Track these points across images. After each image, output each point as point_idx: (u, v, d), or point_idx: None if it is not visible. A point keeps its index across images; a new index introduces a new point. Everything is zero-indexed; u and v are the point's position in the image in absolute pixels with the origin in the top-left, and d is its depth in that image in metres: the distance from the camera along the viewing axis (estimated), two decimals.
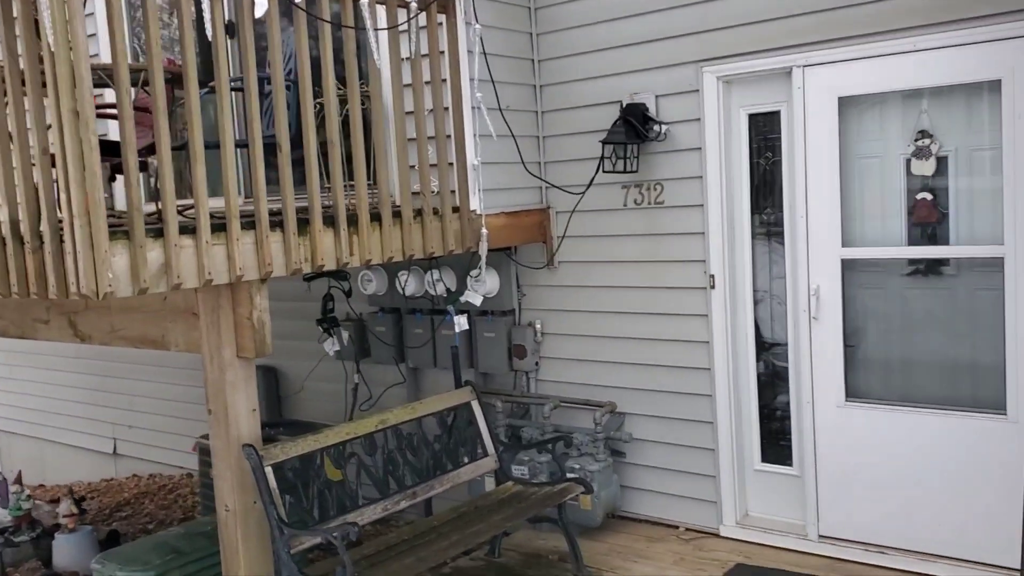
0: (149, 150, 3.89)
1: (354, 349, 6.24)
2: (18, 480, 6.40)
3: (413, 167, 4.76)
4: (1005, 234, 4.27)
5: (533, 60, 5.58)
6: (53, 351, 9.09)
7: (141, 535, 6.55)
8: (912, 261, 4.66)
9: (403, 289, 5.72)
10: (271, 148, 3.99)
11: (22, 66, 3.38)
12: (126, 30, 3.39)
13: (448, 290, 5.63)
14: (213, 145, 3.74)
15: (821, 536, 4.93)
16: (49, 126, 3.31)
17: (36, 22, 3.28)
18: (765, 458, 5.20)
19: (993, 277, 4.36)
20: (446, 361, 5.92)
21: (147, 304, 4.25)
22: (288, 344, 6.19)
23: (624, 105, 5.25)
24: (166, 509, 7.28)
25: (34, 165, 3.43)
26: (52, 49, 3.17)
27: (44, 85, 3.32)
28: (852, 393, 4.79)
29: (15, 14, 3.38)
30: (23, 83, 3.40)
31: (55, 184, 3.41)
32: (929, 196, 4.52)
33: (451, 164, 4.95)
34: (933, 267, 4.62)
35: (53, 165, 3.38)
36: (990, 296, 4.39)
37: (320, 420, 6.12)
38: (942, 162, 4.48)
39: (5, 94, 3.49)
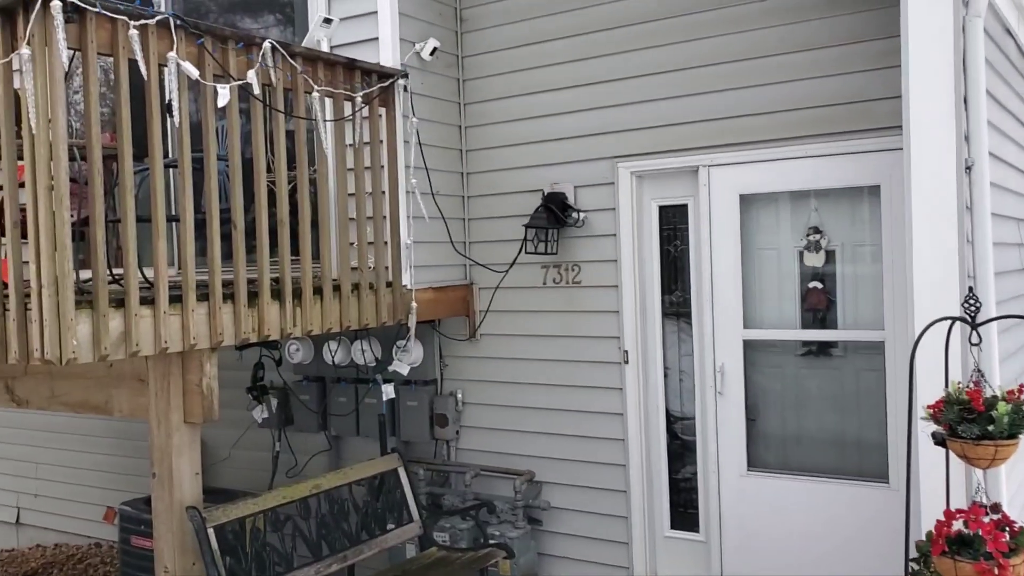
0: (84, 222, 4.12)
1: (278, 417, 6.41)
2: None
3: (353, 244, 5.06)
4: (885, 321, 4.80)
5: (462, 150, 5.99)
6: None
7: None
8: (805, 343, 5.16)
9: (333, 358, 5.94)
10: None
11: None
12: (97, 112, 3.62)
13: (376, 359, 5.88)
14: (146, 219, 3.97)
15: None
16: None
17: (17, 102, 3.51)
18: (674, 525, 5.56)
19: (876, 359, 4.88)
20: (368, 429, 6.15)
21: (91, 370, 4.39)
22: None
23: (545, 193, 5.69)
24: None
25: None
26: (33, 130, 3.40)
27: (20, 159, 3.54)
28: (753, 463, 5.23)
29: None
30: None
31: None
32: (820, 285, 5.05)
33: (386, 243, 5.27)
34: (824, 349, 5.13)
35: (23, 236, 3.57)
36: (873, 376, 4.91)
37: (244, 488, 6.23)
38: (831, 255, 5.02)
39: None
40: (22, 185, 3.59)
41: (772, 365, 5.25)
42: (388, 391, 5.84)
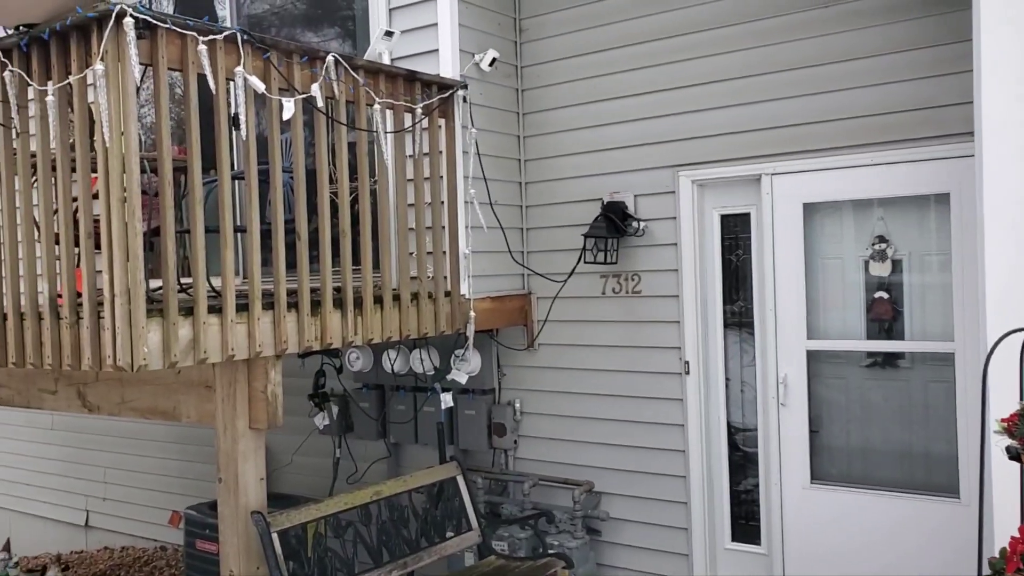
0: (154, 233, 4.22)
1: (339, 424, 6.49)
2: (6, 547, 6.46)
3: (412, 254, 5.11)
4: (955, 332, 4.69)
5: (520, 160, 6.01)
6: (28, 423, 9.15)
7: None
8: (871, 354, 5.07)
9: (392, 366, 5.99)
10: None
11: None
12: (168, 126, 3.71)
13: (435, 368, 5.91)
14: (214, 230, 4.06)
15: None
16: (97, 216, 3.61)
17: (91, 118, 3.61)
18: (735, 537, 5.49)
19: (945, 371, 4.77)
20: (427, 437, 6.18)
21: (160, 377, 4.49)
22: None
23: (605, 202, 5.67)
24: None
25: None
26: (107, 143, 3.50)
27: (94, 171, 3.64)
28: (817, 476, 5.14)
29: (72, 110, 3.71)
30: (73, 170, 3.72)
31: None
32: (886, 295, 4.95)
33: (444, 252, 5.30)
34: (890, 360, 5.03)
35: (97, 247, 3.66)
36: (942, 388, 4.79)
37: (306, 494, 6.31)
38: (897, 264, 4.93)
39: (55, 180, 3.79)
40: (96, 197, 3.70)
41: (836, 376, 5.16)
42: (447, 399, 5.87)
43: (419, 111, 5.00)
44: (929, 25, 4.65)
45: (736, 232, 5.43)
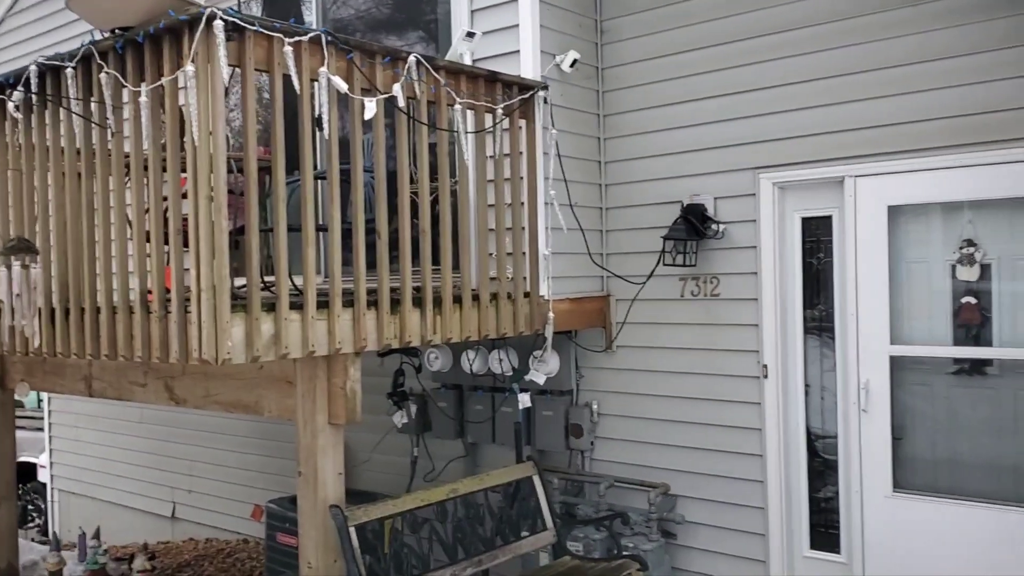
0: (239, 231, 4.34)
1: (417, 423, 6.57)
2: (96, 535, 6.70)
3: (491, 255, 5.15)
4: None
5: (600, 162, 6.00)
6: (118, 416, 9.49)
7: None
8: (957, 360, 4.92)
9: (471, 366, 6.04)
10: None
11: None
12: (254, 126, 3.82)
13: (513, 368, 5.94)
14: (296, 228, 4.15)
15: None
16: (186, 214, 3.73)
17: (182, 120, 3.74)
18: (814, 545, 5.38)
19: None
20: (504, 437, 6.22)
21: (242, 372, 4.61)
22: None
23: (684, 205, 5.62)
24: (225, 572, 7.53)
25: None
26: (195, 143, 3.62)
27: (183, 171, 3.77)
28: (899, 484, 5.01)
29: (164, 111, 3.84)
30: (163, 170, 3.85)
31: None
32: (973, 300, 4.81)
33: (524, 253, 5.33)
34: (977, 367, 4.87)
35: (185, 244, 3.79)
36: None
37: (384, 491, 6.41)
38: (986, 269, 4.78)
39: (147, 179, 3.93)
40: (185, 196, 3.82)
41: (920, 383, 5.02)
42: (525, 400, 5.90)
43: (500, 112, 5.04)
44: None
45: (817, 235, 5.33)
